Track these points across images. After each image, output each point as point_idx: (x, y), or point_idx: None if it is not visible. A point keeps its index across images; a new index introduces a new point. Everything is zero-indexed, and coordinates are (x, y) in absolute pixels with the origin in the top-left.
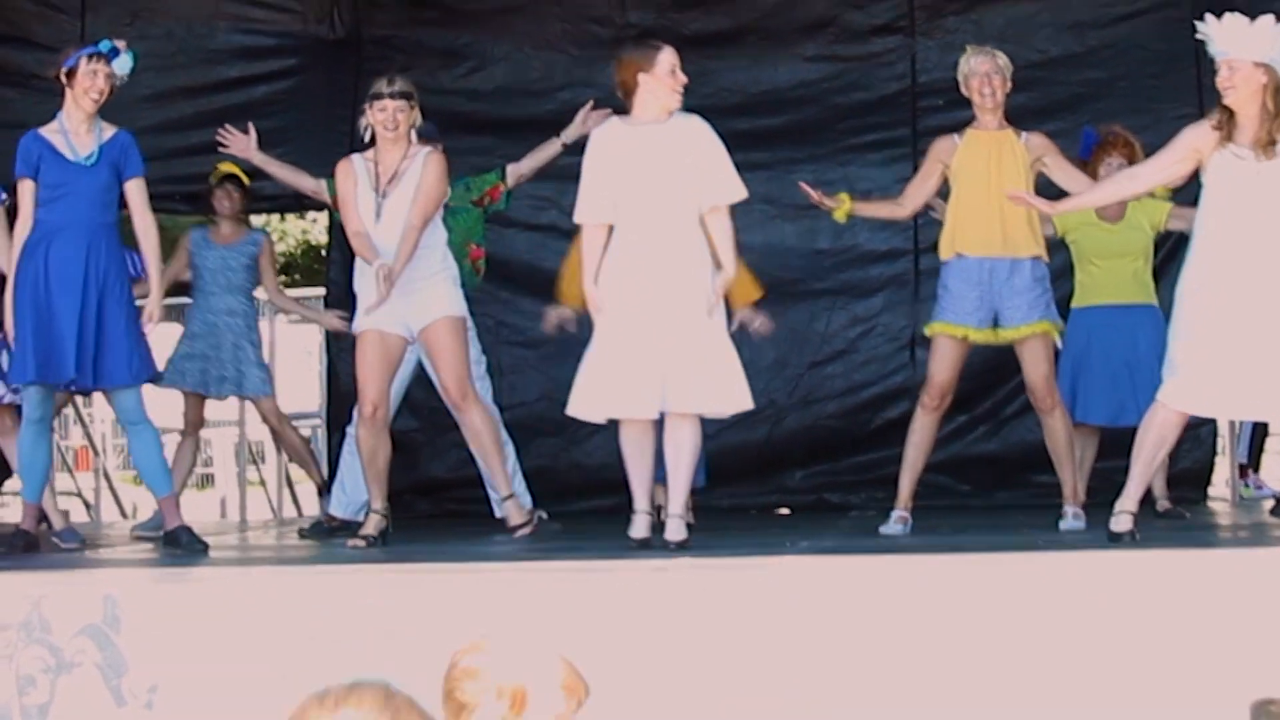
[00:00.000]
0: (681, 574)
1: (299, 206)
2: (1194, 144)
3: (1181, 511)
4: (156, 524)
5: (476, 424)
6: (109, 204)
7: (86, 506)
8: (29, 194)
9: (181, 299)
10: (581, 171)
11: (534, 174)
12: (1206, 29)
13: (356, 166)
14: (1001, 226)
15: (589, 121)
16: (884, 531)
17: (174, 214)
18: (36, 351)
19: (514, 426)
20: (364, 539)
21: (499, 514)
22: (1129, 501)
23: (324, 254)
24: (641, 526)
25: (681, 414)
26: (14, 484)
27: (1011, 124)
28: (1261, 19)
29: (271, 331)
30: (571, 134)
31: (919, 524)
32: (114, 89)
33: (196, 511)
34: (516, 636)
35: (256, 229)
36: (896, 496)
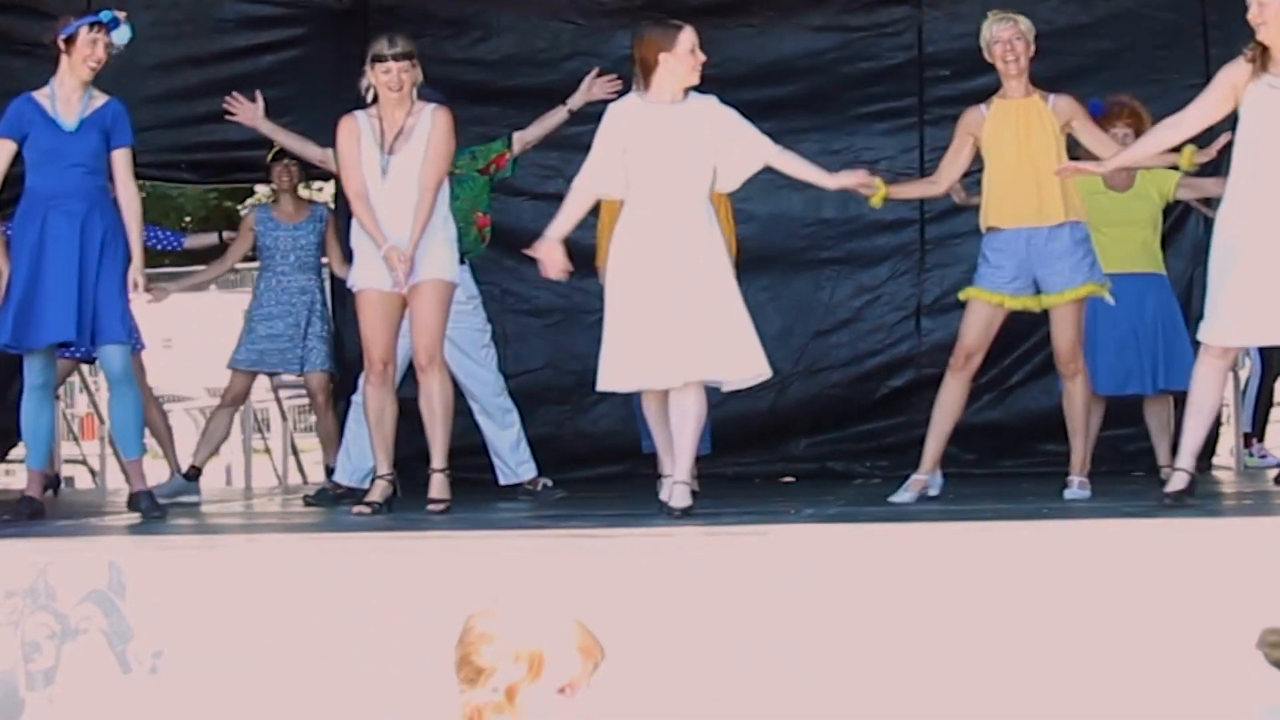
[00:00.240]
0: (686, 540)
1: (305, 176)
2: (1231, 80)
3: None
4: (174, 489)
5: (434, 389)
6: (99, 170)
7: (92, 474)
8: (6, 155)
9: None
10: (593, 141)
11: (540, 141)
12: None
13: (360, 123)
14: (1037, 196)
15: (595, 89)
16: (891, 500)
17: (180, 183)
18: (19, 316)
19: (519, 394)
20: (369, 505)
21: (504, 481)
22: (1186, 459)
23: None
24: (670, 490)
25: (691, 383)
26: (18, 451)
27: (1038, 88)
28: None
29: None
30: (577, 101)
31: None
32: (110, 58)
33: (203, 480)
34: (531, 601)
35: (318, 204)
36: (921, 460)
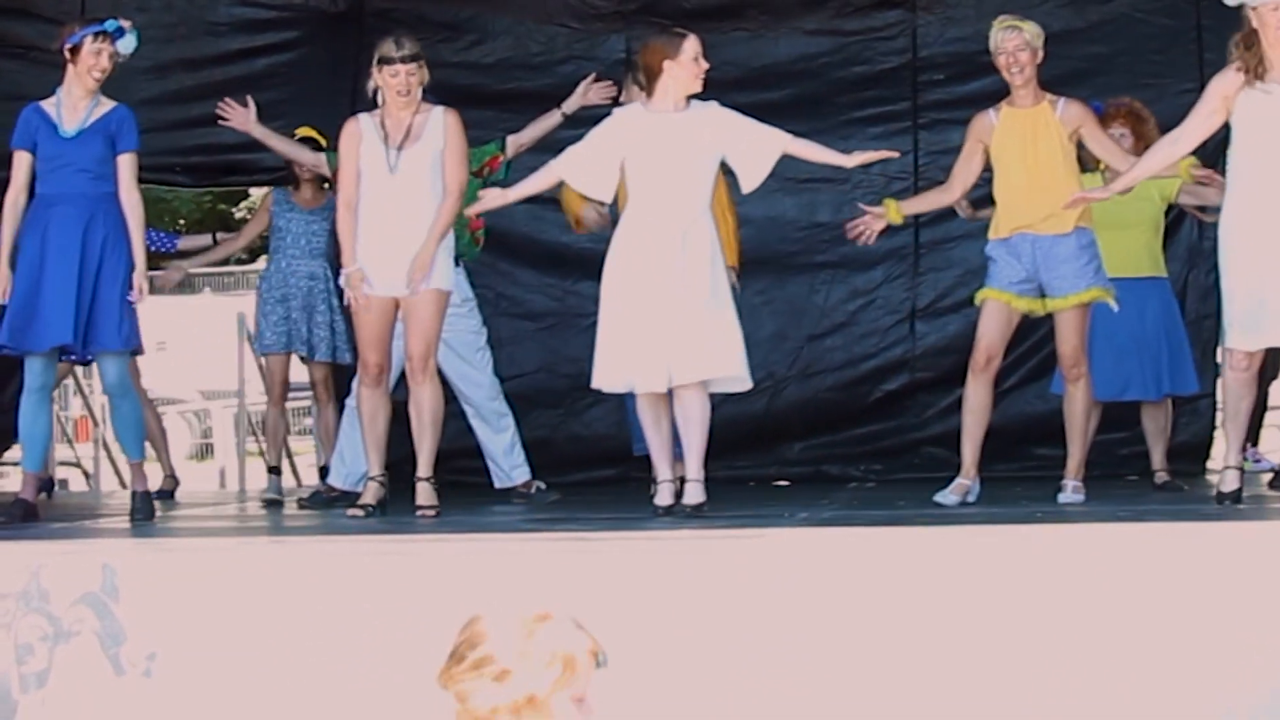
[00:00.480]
0: (681, 544)
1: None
2: (1222, 91)
3: (1180, 484)
4: (275, 492)
5: (425, 398)
6: (104, 175)
7: (86, 476)
8: (22, 165)
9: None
10: (587, 135)
11: (534, 144)
12: None
13: (363, 125)
14: (1043, 204)
15: (590, 94)
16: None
17: (174, 186)
18: (20, 319)
19: (512, 398)
20: (363, 508)
21: (498, 484)
22: (1232, 456)
23: None
24: (665, 494)
25: (686, 385)
26: (13, 454)
27: (1048, 91)
28: None
29: None
30: (572, 105)
31: (919, 495)
32: (115, 65)
33: (196, 482)
34: (541, 604)
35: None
36: (961, 466)
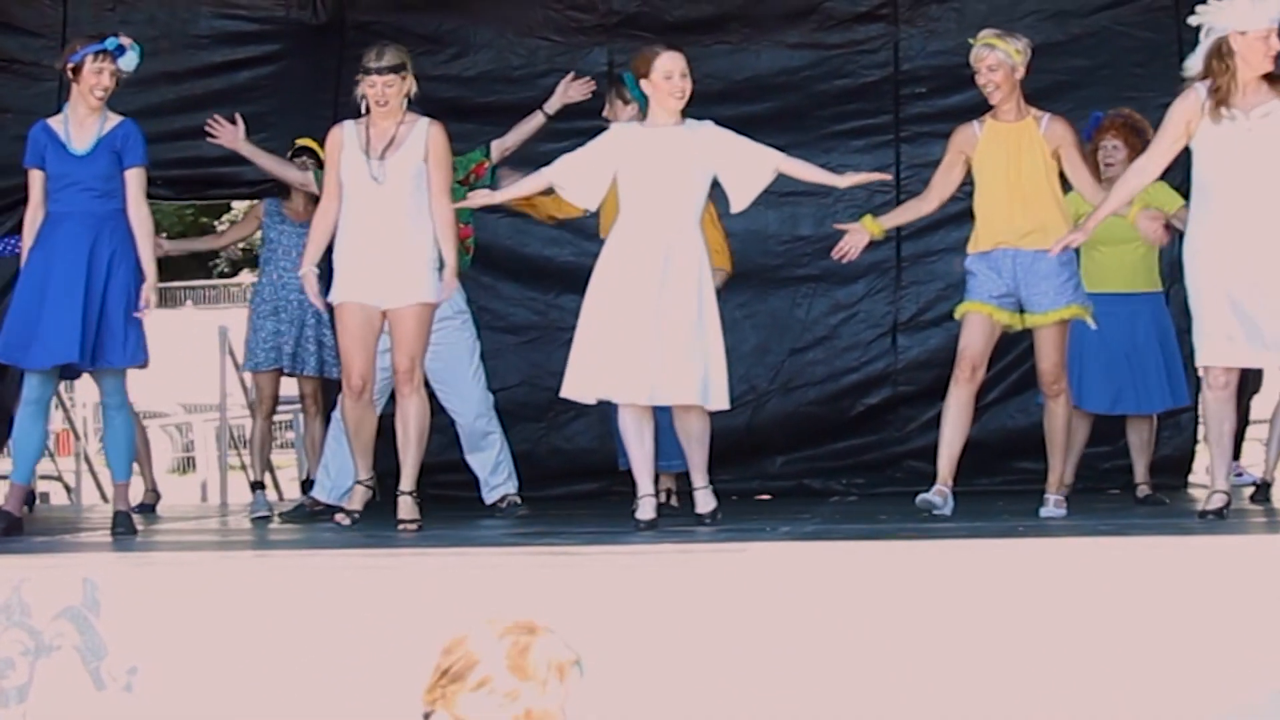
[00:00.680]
0: (662, 558)
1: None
2: (1184, 117)
3: (1162, 498)
4: (262, 507)
5: (412, 411)
6: (112, 192)
7: (67, 490)
8: (38, 183)
9: (192, 282)
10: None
11: (518, 147)
12: (1220, 8)
13: (346, 132)
14: (1023, 221)
15: (571, 91)
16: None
17: (156, 198)
18: (22, 335)
19: (495, 411)
20: (349, 514)
21: (487, 500)
22: (1219, 481)
23: None
24: (647, 509)
25: (684, 404)
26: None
27: (1034, 105)
28: None
29: None
30: (554, 105)
31: (902, 509)
32: (119, 82)
33: (178, 496)
34: (533, 615)
35: None
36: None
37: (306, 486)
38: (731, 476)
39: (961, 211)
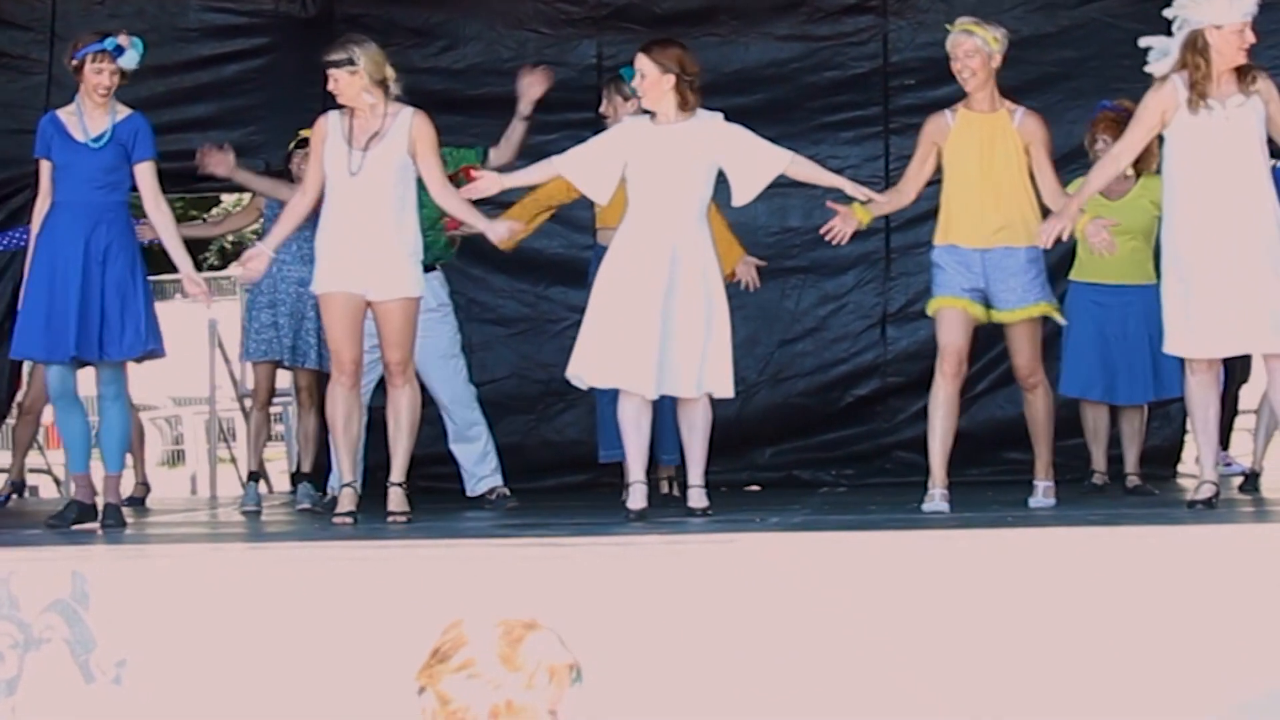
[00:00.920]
0: (652, 549)
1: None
2: (1160, 107)
3: (1151, 489)
4: (255, 498)
5: (403, 403)
6: (115, 184)
7: (57, 483)
8: (45, 173)
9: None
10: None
11: (512, 159)
12: (1198, 2)
13: (330, 122)
14: (996, 217)
15: (533, 87)
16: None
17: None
18: (32, 328)
19: (484, 404)
20: (349, 515)
21: (470, 492)
22: (1207, 470)
23: None
24: (638, 497)
25: (690, 397)
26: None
27: (1008, 97)
28: None
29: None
30: (525, 106)
31: (891, 500)
32: (125, 78)
33: (168, 489)
34: (527, 613)
35: None
36: (930, 476)
37: (296, 479)
38: (721, 468)
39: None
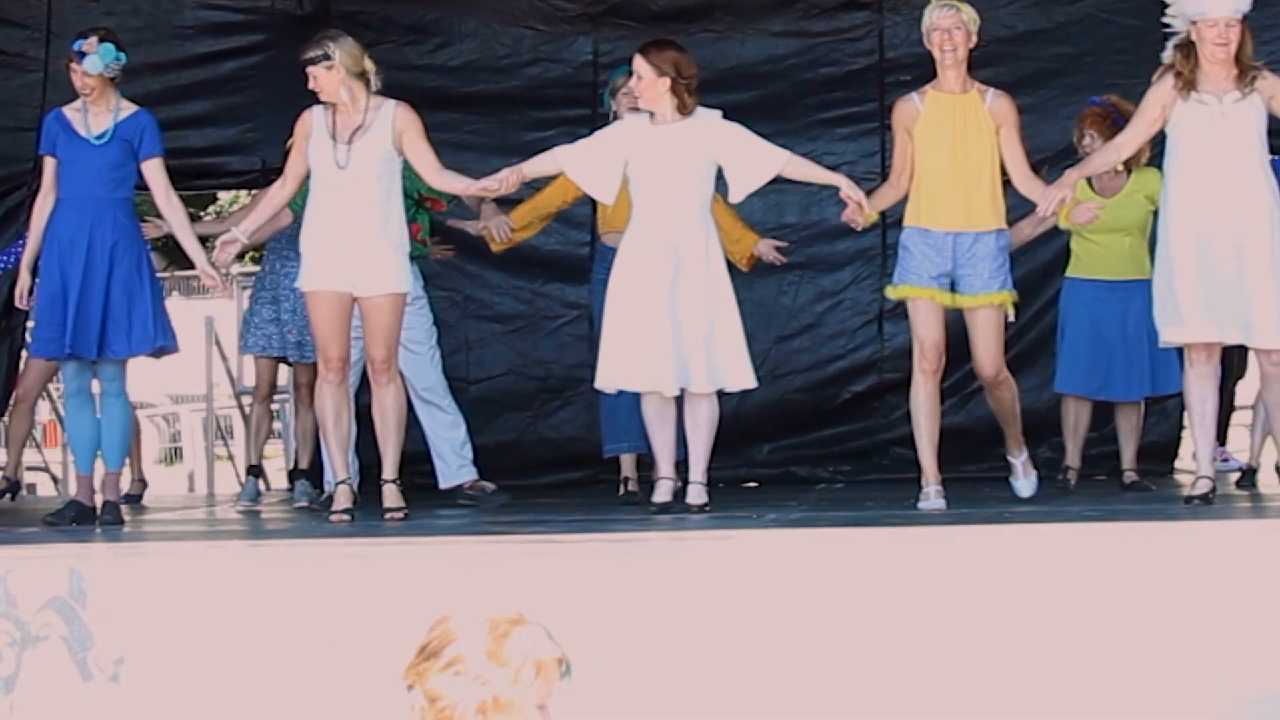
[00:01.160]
0: (650, 545)
1: (265, 182)
2: (1160, 101)
3: (1148, 484)
4: (254, 492)
5: (389, 401)
6: (119, 181)
7: (54, 481)
8: (49, 170)
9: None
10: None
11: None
12: None
13: (314, 117)
14: (966, 201)
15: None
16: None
17: (140, 189)
18: (53, 325)
19: (481, 400)
20: (347, 512)
21: (444, 483)
22: (1204, 465)
23: None
24: (664, 492)
25: (699, 392)
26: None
27: (976, 80)
28: None
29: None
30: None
31: (888, 496)
32: (103, 78)
33: (165, 486)
34: (513, 608)
35: None
36: (922, 475)
37: (293, 476)
38: (718, 464)
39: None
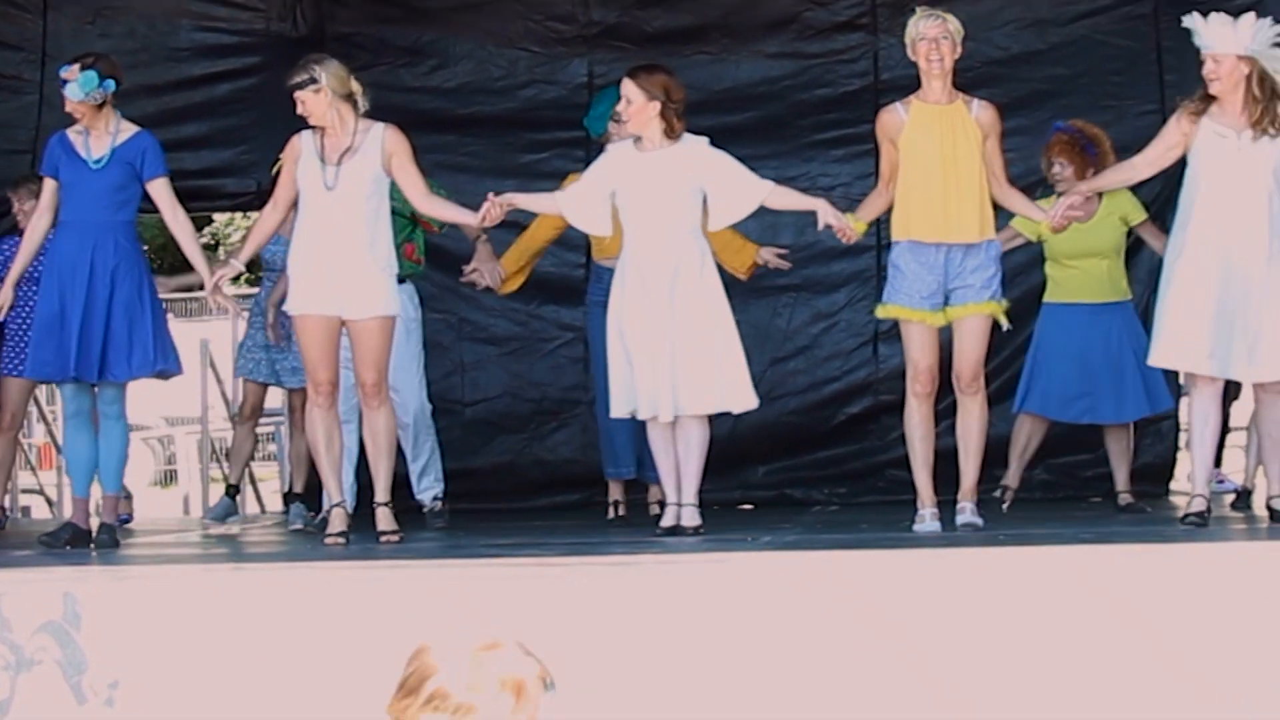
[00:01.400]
0: (644, 568)
1: (260, 205)
2: (1180, 129)
3: (1143, 506)
4: (223, 511)
5: (379, 424)
6: (121, 203)
7: (49, 504)
8: (49, 191)
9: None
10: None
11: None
12: (1193, 24)
13: (304, 141)
14: (956, 212)
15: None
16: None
17: (145, 211)
18: (45, 347)
19: (476, 422)
20: (341, 535)
21: (420, 503)
22: (1200, 484)
23: None
24: (670, 516)
25: (691, 416)
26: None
27: (961, 89)
28: (1244, 16)
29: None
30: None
31: (883, 518)
32: (104, 98)
33: (160, 509)
34: (491, 630)
35: None
36: (918, 497)
37: (288, 499)
38: (713, 486)
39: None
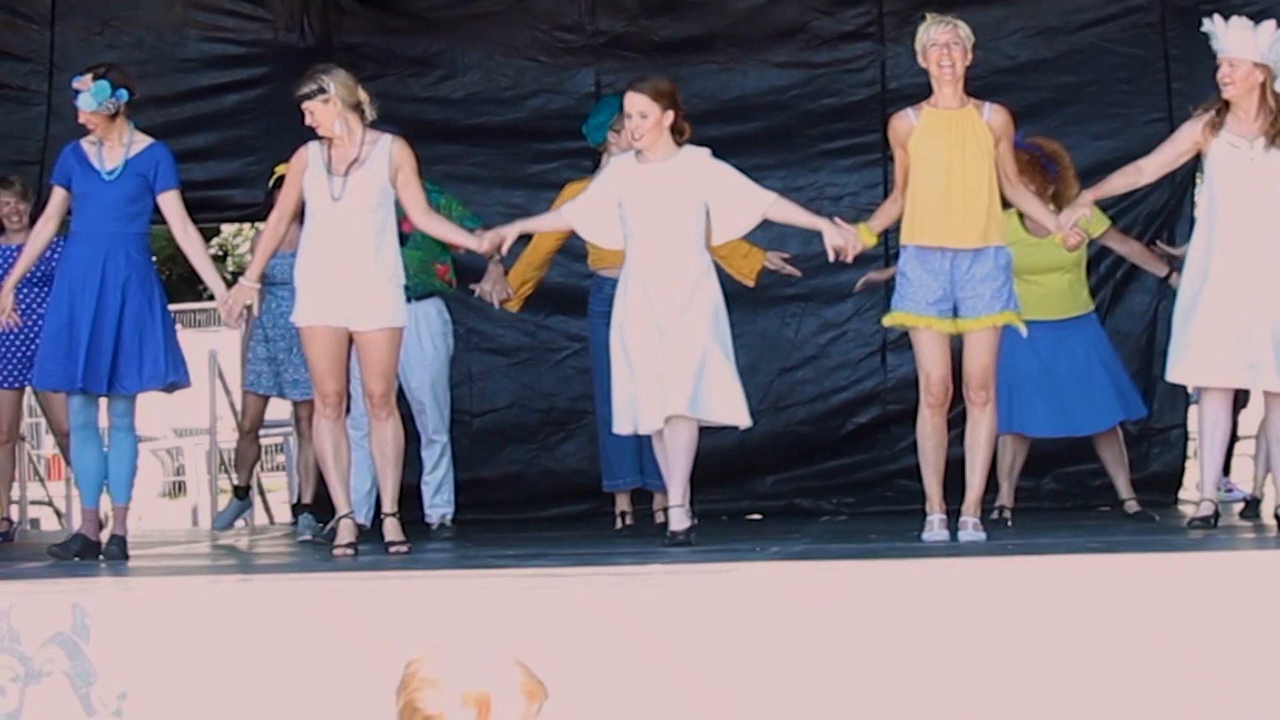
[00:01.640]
0: (652, 578)
1: (267, 216)
2: (1193, 137)
3: (1151, 514)
4: (232, 514)
5: (387, 435)
6: (133, 215)
7: (58, 515)
8: (56, 200)
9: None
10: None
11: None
12: (1211, 27)
13: (310, 152)
14: (964, 217)
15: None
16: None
17: (157, 223)
18: (55, 358)
19: (484, 433)
20: (350, 547)
21: (428, 519)
22: (1208, 489)
23: None
24: (678, 519)
25: (677, 416)
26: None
27: (972, 96)
28: (1264, 24)
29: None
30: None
31: (891, 528)
32: (118, 108)
33: (169, 520)
34: (471, 643)
35: None
36: (927, 503)
37: (297, 510)
38: (721, 496)
39: None
